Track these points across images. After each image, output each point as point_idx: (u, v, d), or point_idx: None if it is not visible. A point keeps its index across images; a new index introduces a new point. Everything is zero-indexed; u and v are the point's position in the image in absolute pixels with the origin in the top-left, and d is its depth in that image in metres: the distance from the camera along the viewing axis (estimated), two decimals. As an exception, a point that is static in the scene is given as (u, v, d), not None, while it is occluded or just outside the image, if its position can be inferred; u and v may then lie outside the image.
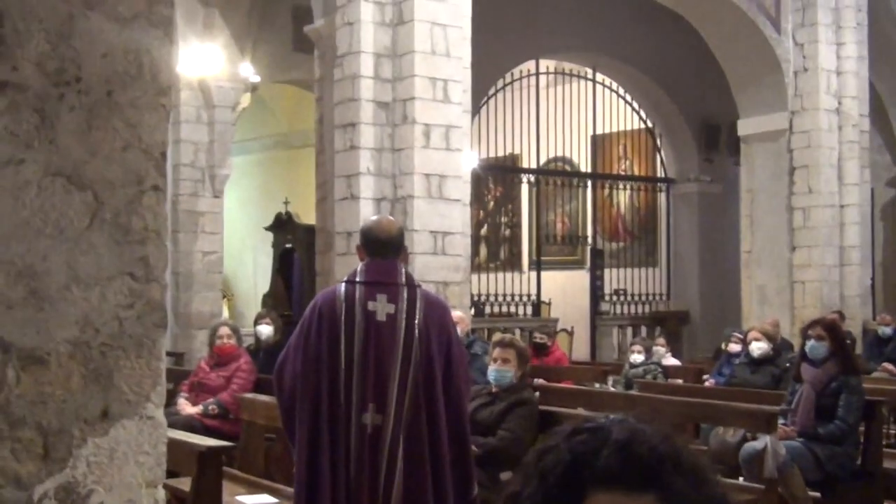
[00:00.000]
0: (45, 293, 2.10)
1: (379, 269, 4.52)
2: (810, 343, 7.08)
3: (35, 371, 2.09)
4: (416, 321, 4.41)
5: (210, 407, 8.14)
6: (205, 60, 13.52)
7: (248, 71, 14.72)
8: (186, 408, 8.12)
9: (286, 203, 17.82)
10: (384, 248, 4.55)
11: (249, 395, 7.63)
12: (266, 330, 9.87)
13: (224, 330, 8.62)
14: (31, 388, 2.09)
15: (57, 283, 2.11)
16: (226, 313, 17.45)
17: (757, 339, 9.07)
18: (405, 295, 4.47)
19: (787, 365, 8.65)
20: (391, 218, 4.87)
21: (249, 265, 20.30)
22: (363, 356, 4.37)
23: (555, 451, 1.31)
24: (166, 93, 2.28)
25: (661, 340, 12.21)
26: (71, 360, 2.13)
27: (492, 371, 6.39)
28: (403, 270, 4.58)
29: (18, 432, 2.07)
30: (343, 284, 4.57)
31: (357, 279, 4.54)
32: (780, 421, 6.84)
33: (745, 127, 15.36)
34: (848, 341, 8.07)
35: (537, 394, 7.31)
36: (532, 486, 1.31)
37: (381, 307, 4.43)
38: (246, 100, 15.23)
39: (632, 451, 1.27)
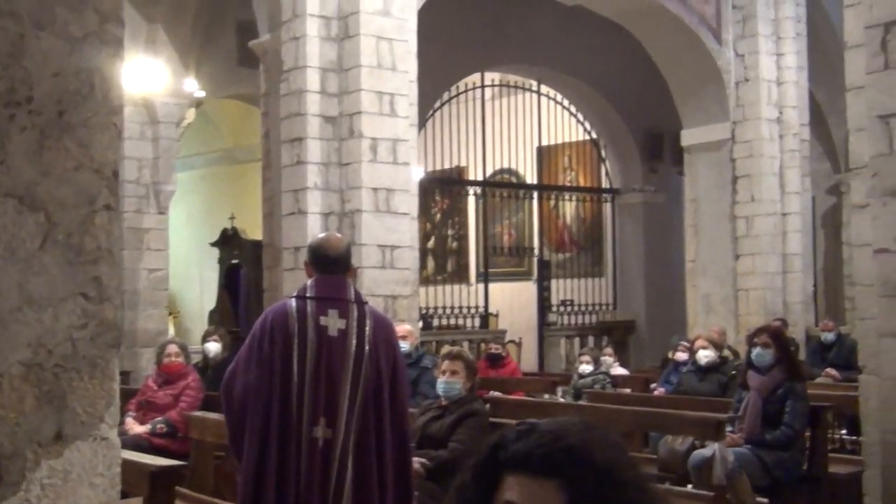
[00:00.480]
0: (-3, 315, 2.09)
1: (329, 286, 4.57)
2: (756, 350, 7.18)
3: (-13, 394, 2.07)
4: (366, 337, 4.48)
5: (158, 426, 8.07)
6: (148, 76, 13.44)
7: (193, 86, 14.64)
8: (134, 427, 8.04)
9: (232, 218, 17.73)
10: (333, 264, 4.61)
11: (198, 413, 7.57)
12: (214, 347, 9.81)
13: (172, 348, 8.55)
14: (-16, 411, 2.07)
15: (9, 305, 2.10)
16: (172, 331, 17.30)
17: (704, 348, 9.17)
18: (355, 311, 4.54)
19: (734, 372, 8.75)
20: (339, 235, 4.96)
21: (195, 282, 20.14)
22: (315, 370, 4.42)
23: (483, 449, 1.44)
24: (117, 112, 2.28)
25: (609, 350, 12.29)
26: (24, 382, 2.11)
27: (440, 383, 6.41)
28: (352, 287, 4.65)
29: (-29, 456, 2.05)
30: (294, 300, 4.60)
31: (308, 295, 4.57)
32: (728, 428, 6.93)
33: (688, 137, 15.54)
34: (792, 348, 8.18)
35: (487, 406, 7.34)
36: (469, 472, 1.44)
37: (333, 322, 4.48)
38: (190, 115, 15.14)
39: (543, 441, 1.37)
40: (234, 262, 17.78)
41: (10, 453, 2.09)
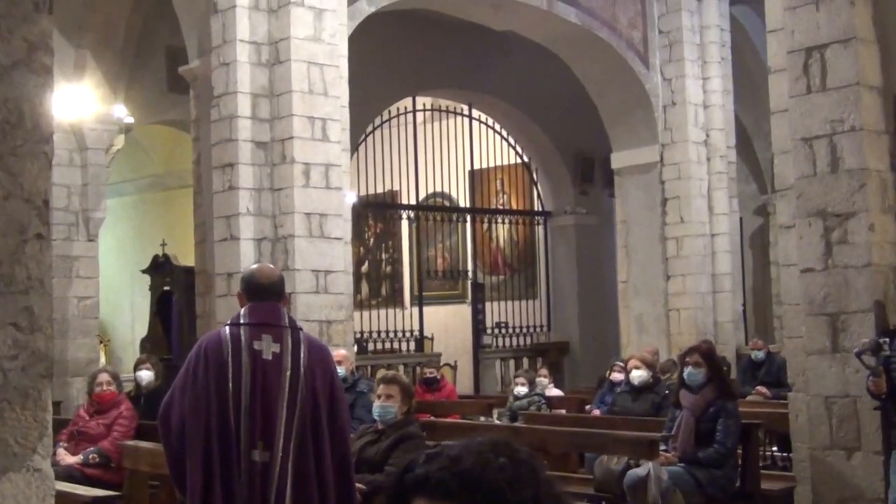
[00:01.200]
0: (-74, 347, 2.06)
1: (262, 312, 4.61)
2: (688, 370, 7.27)
3: (-84, 427, 2.04)
4: (301, 360, 4.51)
5: (91, 456, 7.94)
6: (76, 102, 13.29)
7: (122, 112, 14.49)
8: (66, 458, 7.90)
9: (163, 245, 17.53)
10: (266, 293, 4.67)
11: (132, 443, 7.47)
12: (147, 375, 9.69)
13: (103, 377, 8.44)
14: (-88, 444, 2.04)
15: (-63, 336, 2.07)
16: (103, 359, 17.05)
17: (637, 368, 9.25)
18: (289, 336, 4.58)
19: (667, 392, 8.85)
20: (271, 266, 5.05)
21: (126, 309, 19.88)
22: (251, 394, 4.44)
23: (405, 463, 1.50)
24: (48, 140, 2.26)
25: (544, 371, 12.37)
26: (-46, 415, 2.09)
27: (376, 408, 6.42)
28: (286, 314, 4.70)
29: None
30: (227, 327, 4.63)
31: (241, 321, 4.60)
32: (662, 447, 7.00)
33: (618, 160, 15.72)
34: (724, 367, 8.30)
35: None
36: (384, 497, 1.52)
37: (267, 346, 4.51)
38: (119, 141, 14.97)
39: (442, 465, 1.43)
40: (166, 288, 17.56)
41: (-61, 487, 2.06)
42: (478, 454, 1.43)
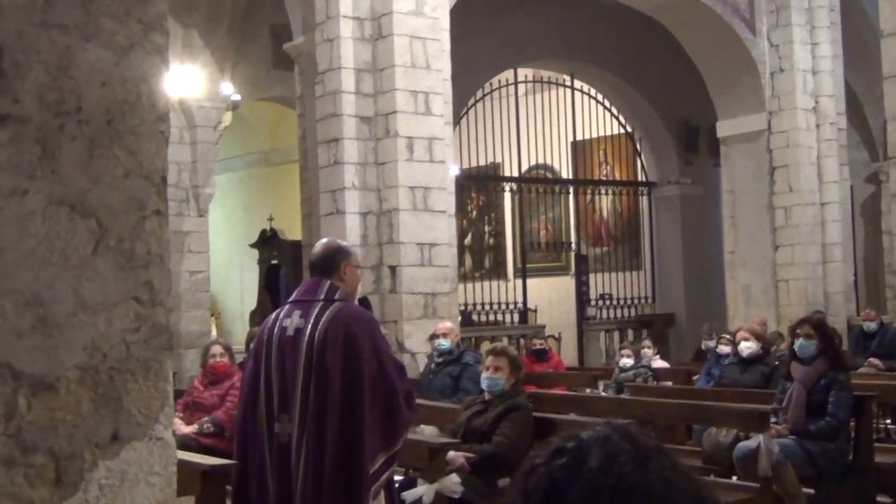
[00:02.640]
0: (53, 320, 2.13)
1: (305, 288, 4.74)
2: (799, 342, 7.14)
3: (45, 397, 2.12)
4: (317, 333, 4.48)
5: (205, 425, 8.14)
6: (185, 81, 13.57)
7: (229, 89, 14.76)
8: (181, 427, 8.11)
9: (270, 219, 17.83)
10: (313, 268, 4.77)
11: (243, 413, 7.63)
12: (258, 348, 9.87)
13: (217, 348, 8.65)
14: (42, 414, 2.12)
15: (64, 310, 2.14)
16: (214, 332, 17.44)
17: (746, 339, 9.12)
18: (316, 310, 4.57)
19: (776, 363, 8.72)
20: (327, 241, 4.98)
21: (236, 283, 20.28)
22: (277, 370, 4.54)
23: (537, 472, 1.31)
24: (164, 119, 2.32)
25: (648, 343, 12.27)
26: (80, 386, 2.16)
27: (485, 378, 6.47)
28: (328, 287, 4.63)
29: (31, 458, 2.10)
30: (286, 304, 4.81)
31: (290, 298, 4.80)
32: (772, 419, 6.91)
33: (723, 128, 15.47)
34: (836, 340, 8.13)
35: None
36: None
37: (293, 323, 4.57)
38: (227, 118, 15.26)
39: (599, 484, 1.27)
40: (274, 262, 17.88)
41: (68, 455, 2.14)
42: (639, 461, 1.28)
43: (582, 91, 17.91)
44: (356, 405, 4.37)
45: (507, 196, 18.43)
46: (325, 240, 5.00)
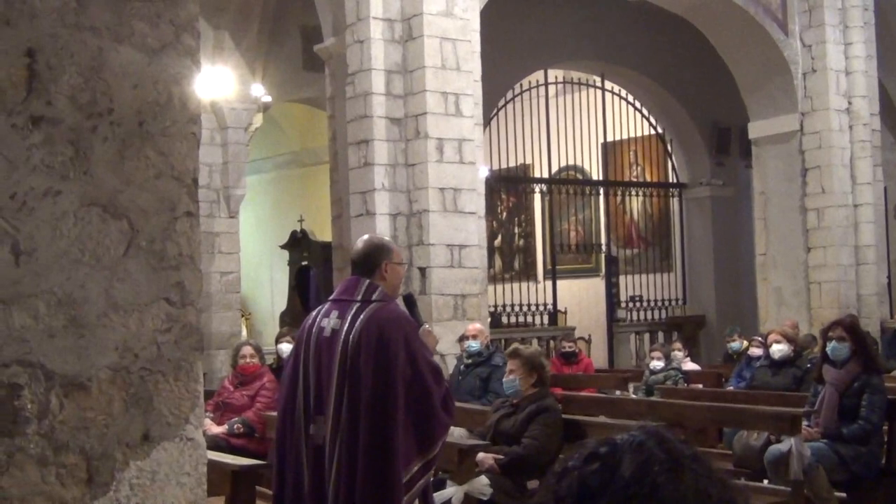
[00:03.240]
0: (85, 321, 2.15)
1: (345, 287, 4.68)
2: (832, 344, 7.09)
3: (77, 397, 2.14)
4: (351, 336, 4.42)
5: (236, 426, 8.18)
6: (216, 82, 13.64)
7: (260, 91, 14.82)
8: (212, 427, 8.14)
9: (301, 221, 17.89)
10: (354, 266, 4.72)
11: (275, 413, 7.66)
12: (287, 348, 9.87)
13: (247, 349, 8.68)
14: (74, 414, 2.13)
15: (96, 311, 2.16)
16: (244, 333, 17.52)
17: (777, 342, 9.07)
18: (353, 310, 4.50)
19: (808, 366, 8.66)
20: (368, 237, 4.86)
21: (266, 284, 20.37)
22: (314, 370, 4.50)
23: (569, 476, 1.30)
24: (195, 120, 2.33)
25: (678, 345, 12.22)
26: (111, 386, 2.17)
27: (503, 381, 6.51)
28: (366, 287, 4.55)
29: (63, 458, 2.12)
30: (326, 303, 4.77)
31: (330, 297, 4.77)
32: (804, 422, 6.86)
33: (755, 129, 15.38)
34: (873, 346, 8.05)
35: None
36: None
37: (331, 323, 4.52)
38: (258, 120, 15.33)
39: (631, 493, 1.25)
40: (304, 263, 17.94)
41: (99, 454, 2.16)
42: (672, 468, 1.26)
43: (612, 92, 17.85)
44: (389, 410, 4.28)
45: (538, 197, 18.41)
46: (366, 236, 4.90)
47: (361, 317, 4.43)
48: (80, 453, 2.13)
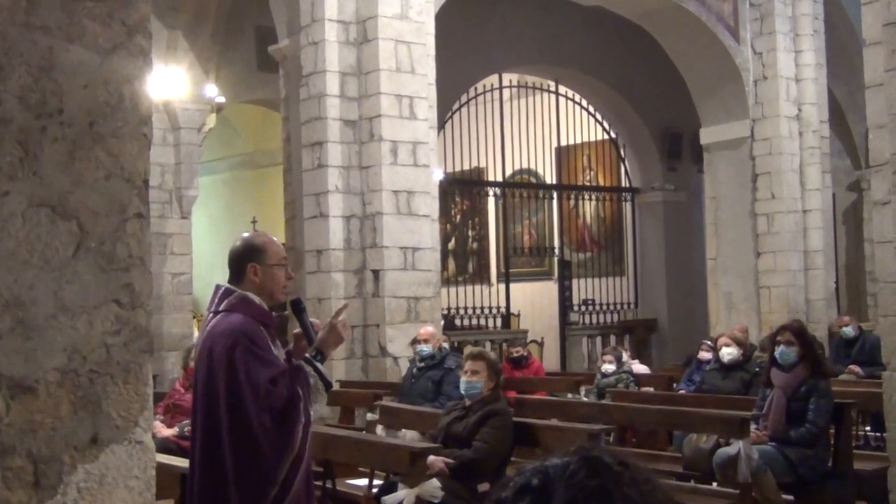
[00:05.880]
0: (33, 322, 2.13)
1: (211, 296, 4.16)
2: (780, 349, 7.16)
3: (24, 400, 2.12)
4: (199, 354, 4.01)
5: (186, 428, 8.08)
6: (169, 83, 13.54)
7: (213, 92, 14.73)
8: (162, 430, 8.09)
9: (254, 222, 17.80)
10: (229, 270, 4.17)
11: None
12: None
13: (197, 351, 8.62)
14: (21, 416, 2.11)
15: (44, 313, 2.14)
16: (196, 334, 17.38)
17: (727, 346, 9.15)
18: (206, 324, 4.09)
19: (757, 370, 8.74)
20: (242, 237, 4.23)
21: (218, 285, 20.23)
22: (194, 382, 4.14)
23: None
24: (147, 122, 2.32)
25: (623, 347, 12.26)
26: (60, 388, 2.16)
27: (462, 383, 6.46)
28: (220, 295, 4.04)
29: (9, 461, 2.10)
30: None
31: None
32: (752, 426, 6.93)
33: (707, 135, 15.53)
34: (819, 350, 8.14)
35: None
36: None
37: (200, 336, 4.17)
38: (211, 120, 15.23)
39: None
40: (256, 265, 17.83)
41: (47, 458, 2.14)
42: (605, 496, 1.24)
43: (566, 96, 17.94)
44: (214, 434, 3.83)
45: (491, 201, 18.45)
46: (244, 235, 4.32)
47: (206, 331, 3.98)
48: (27, 456, 2.11)
